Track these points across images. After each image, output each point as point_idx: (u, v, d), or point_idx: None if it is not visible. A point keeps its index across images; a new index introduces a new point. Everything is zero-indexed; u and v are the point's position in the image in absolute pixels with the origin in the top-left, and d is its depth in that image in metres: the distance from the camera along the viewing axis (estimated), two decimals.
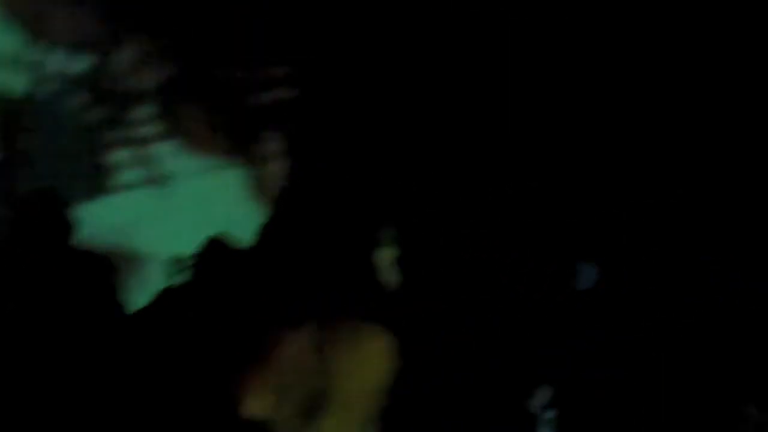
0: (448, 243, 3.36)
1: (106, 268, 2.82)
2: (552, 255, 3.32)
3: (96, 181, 3.47)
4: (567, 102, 3.53)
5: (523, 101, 3.54)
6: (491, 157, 3.52)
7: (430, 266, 3.27)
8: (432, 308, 3.11)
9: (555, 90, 3.53)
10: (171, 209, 3.48)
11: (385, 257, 2.91)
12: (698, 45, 3.46)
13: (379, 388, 2.32)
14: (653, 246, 3.36)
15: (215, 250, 2.83)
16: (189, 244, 2.84)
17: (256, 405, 2.32)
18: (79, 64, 3.53)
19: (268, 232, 3.07)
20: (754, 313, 3.16)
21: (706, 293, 3.20)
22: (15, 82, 3.49)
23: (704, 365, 3.09)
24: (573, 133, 3.51)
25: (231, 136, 3.62)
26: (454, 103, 3.59)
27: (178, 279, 2.83)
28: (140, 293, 2.88)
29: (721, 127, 3.43)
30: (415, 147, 3.56)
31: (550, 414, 3.01)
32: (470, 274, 3.26)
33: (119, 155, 3.55)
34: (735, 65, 3.44)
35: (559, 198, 3.46)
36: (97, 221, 3.35)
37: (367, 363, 2.31)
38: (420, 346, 2.89)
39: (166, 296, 2.78)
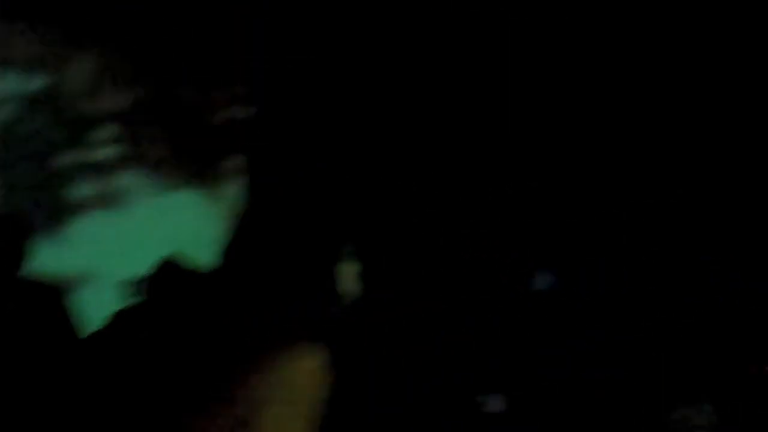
0: (427, 249, 3.36)
1: (58, 294, 2.81)
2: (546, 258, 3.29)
3: (54, 202, 3.49)
4: (564, 103, 3.51)
5: (513, 107, 3.54)
6: (489, 158, 3.52)
7: (398, 276, 3.27)
8: (398, 319, 3.10)
9: (550, 93, 3.52)
10: (129, 230, 3.50)
11: (348, 270, 2.93)
12: (697, 45, 3.44)
13: (311, 407, 2.30)
14: (653, 247, 3.35)
15: (169, 271, 2.82)
16: (146, 264, 2.83)
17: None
18: (36, 83, 3.55)
19: (227, 251, 3.10)
20: (755, 313, 3.14)
21: (706, 293, 3.18)
22: None
23: (704, 365, 3.06)
24: (574, 135, 3.49)
25: (189, 156, 3.64)
26: (420, 115, 3.59)
27: (133, 300, 2.83)
28: (95, 314, 2.87)
29: (720, 127, 3.43)
30: (379, 159, 3.56)
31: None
32: (455, 279, 3.26)
33: (78, 177, 3.58)
34: (735, 65, 3.43)
35: (559, 198, 3.44)
36: (55, 242, 3.37)
37: (299, 382, 2.29)
38: (381, 359, 2.89)
39: (121, 317, 2.77)
